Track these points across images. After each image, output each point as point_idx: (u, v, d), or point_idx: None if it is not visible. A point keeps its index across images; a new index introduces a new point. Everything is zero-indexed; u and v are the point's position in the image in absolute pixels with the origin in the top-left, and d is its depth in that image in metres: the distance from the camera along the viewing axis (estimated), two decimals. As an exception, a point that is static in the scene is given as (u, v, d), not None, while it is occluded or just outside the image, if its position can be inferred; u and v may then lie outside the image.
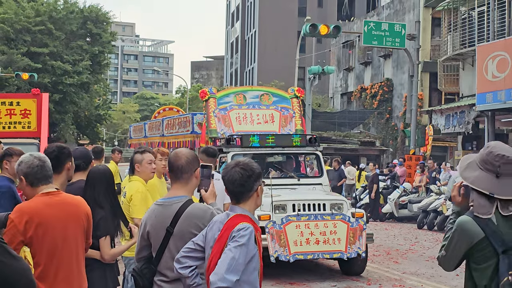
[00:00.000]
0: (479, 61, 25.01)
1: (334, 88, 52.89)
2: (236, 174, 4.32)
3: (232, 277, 3.99)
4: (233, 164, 4.38)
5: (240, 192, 4.35)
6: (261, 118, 14.60)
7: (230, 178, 4.33)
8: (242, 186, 4.33)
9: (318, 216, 11.98)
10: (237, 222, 4.22)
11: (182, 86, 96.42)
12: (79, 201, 5.01)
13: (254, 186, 4.37)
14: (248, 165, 4.37)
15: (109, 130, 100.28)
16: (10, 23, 48.19)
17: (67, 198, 4.92)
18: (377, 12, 45.46)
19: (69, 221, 4.81)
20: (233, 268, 4.01)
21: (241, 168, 4.34)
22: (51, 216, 4.72)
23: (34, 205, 4.75)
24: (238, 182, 4.32)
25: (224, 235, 4.20)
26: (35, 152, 5.00)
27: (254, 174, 4.36)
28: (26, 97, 18.58)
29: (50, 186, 4.86)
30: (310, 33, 26.98)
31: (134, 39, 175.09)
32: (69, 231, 4.80)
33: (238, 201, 4.38)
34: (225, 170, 4.39)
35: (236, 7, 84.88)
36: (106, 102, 67.41)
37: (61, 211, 4.79)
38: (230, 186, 4.35)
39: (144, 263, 4.86)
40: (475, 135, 30.08)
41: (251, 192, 4.36)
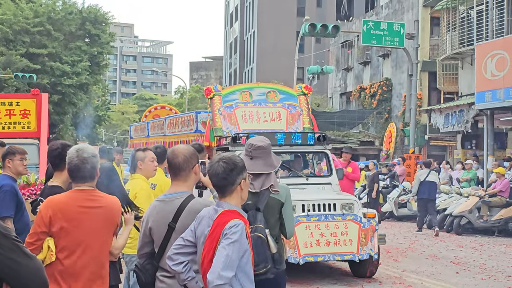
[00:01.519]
0: (478, 60, 25.03)
1: (333, 88, 52.90)
2: (219, 168, 4.40)
3: (228, 273, 4.05)
4: (217, 159, 4.46)
5: (223, 186, 4.41)
6: (268, 116, 14.09)
7: (213, 172, 4.42)
8: (224, 180, 4.40)
9: (328, 216, 11.59)
10: (228, 219, 4.26)
11: (181, 87, 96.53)
12: (113, 202, 5.00)
13: (237, 180, 4.42)
14: (230, 159, 4.43)
15: (108, 131, 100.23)
16: (8, 24, 48.13)
17: (100, 198, 4.94)
18: (376, 12, 45.48)
19: (100, 222, 4.84)
20: (228, 265, 4.07)
21: (224, 162, 4.40)
22: (79, 214, 4.79)
23: (64, 200, 4.87)
24: (221, 176, 4.39)
25: (216, 232, 4.24)
26: (84, 147, 5.03)
27: (237, 168, 4.42)
28: (25, 97, 18.53)
29: (83, 185, 4.93)
30: (309, 33, 27.02)
31: (133, 40, 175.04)
32: (98, 232, 4.84)
33: (223, 194, 4.44)
34: (210, 164, 4.48)
35: (235, 7, 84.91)
36: (105, 103, 67.42)
37: (92, 211, 4.83)
38: (214, 179, 4.43)
39: (147, 259, 4.89)
40: (474, 134, 30.11)
41: (234, 185, 4.42)
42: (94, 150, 4.98)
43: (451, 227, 20.63)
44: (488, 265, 14.64)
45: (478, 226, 20.24)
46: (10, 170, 7.62)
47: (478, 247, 17.57)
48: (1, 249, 3.24)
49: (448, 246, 17.65)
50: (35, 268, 3.44)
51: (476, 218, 20.33)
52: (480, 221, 20.26)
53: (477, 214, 20.44)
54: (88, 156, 4.89)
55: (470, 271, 13.82)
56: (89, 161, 4.89)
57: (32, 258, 3.43)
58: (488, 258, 15.63)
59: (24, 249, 3.38)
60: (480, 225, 20.23)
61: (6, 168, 7.65)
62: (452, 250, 16.85)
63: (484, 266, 14.42)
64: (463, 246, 17.75)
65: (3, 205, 7.21)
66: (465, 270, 13.94)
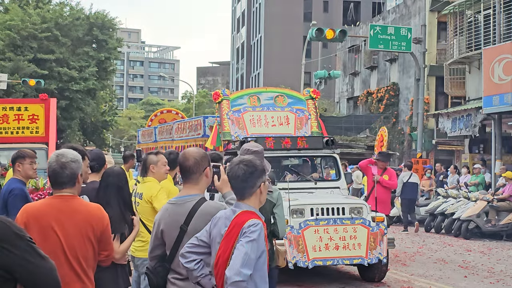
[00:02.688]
0: (485, 64, 25.02)
1: (340, 93, 52.87)
2: (239, 171, 4.39)
3: (247, 271, 4.06)
4: (237, 161, 4.46)
5: (243, 188, 4.41)
6: (276, 120, 14.08)
7: (233, 174, 4.42)
8: (244, 182, 4.40)
9: (337, 220, 11.53)
10: (246, 218, 4.28)
11: (188, 92, 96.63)
12: (91, 209, 4.79)
13: (257, 183, 4.42)
14: (251, 162, 4.43)
15: (115, 136, 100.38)
16: (16, 30, 48.37)
17: (78, 205, 4.75)
18: (383, 17, 45.47)
19: (77, 228, 4.66)
20: (247, 263, 4.08)
21: (244, 164, 4.40)
22: (55, 221, 4.63)
23: (38, 207, 4.75)
24: (241, 178, 4.39)
25: (233, 231, 4.25)
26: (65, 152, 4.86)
27: (257, 171, 4.42)
28: (34, 102, 18.63)
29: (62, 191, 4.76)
30: (316, 38, 27.02)
31: (140, 45, 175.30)
32: (75, 239, 4.65)
33: (242, 197, 4.43)
34: (229, 166, 4.47)
35: (242, 12, 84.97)
36: (112, 109, 67.53)
37: (69, 216, 4.66)
38: (233, 182, 4.44)
39: (158, 262, 4.90)
40: (482, 138, 30.06)
41: (253, 188, 4.41)
42: (76, 155, 4.80)
43: (459, 231, 20.59)
44: (497, 269, 14.62)
45: (486, 230, 20.20)
46: (20, 174, 7.65)
47: (486, 251, 17.54)
48: (16, 250, 3.28)
49: (456, 250, 17.62)
50: (49, 269, 3.48)
51: (484, 222, 20.29)
52: (488, 226, 20.22)
53: (485, 219, 20.41)
54: (67, 161, 4.72)
55: (479, 275, 13.80)
56: (68, 166, 4.72)
57: (45, 259, 3.46)
58: (497, 262, 15.60)
59: (38, 250, 3.42)
60: (488, 229, 20.19)
61: (16, 171, 7.68)
62: (460, 254, 16.82)
63: (492, 270, 14.39)
64: (471, 250, 17.72)
65: (13, 208, 7.22)
66: (473, 274, 13.91)
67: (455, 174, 25.97)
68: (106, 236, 4.81)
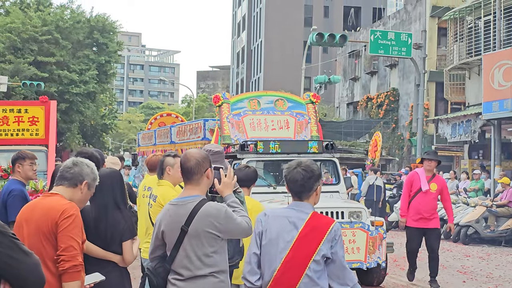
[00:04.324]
0: (485, 70, 25.06)
1: (340, 98, 52.94)
2: (298, 175, 4.62)
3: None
4: (295, 165, 4.68)
5: (301, 192, 4.65)
6: (276, 124, 14.05)
7: (291, 178, 4.66)
8: (302, 187, 4.64)
9: None
10: (324, 221, 4.64)
11: (188, 96, 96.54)
12: (52, 206, 4.65)
13: (314, 186, 4.67)
14: (309, 167, 4.66)
15: (115, 139, 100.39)
16: (17, 33, 48.35)
17: (47, 203, 4.70)
18: (383, 22, 45.56)
19: (33, 226, 4.66)
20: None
21: (302, 169, 4.64)
22: (27, 217, 4.72)
23: (26, 205, 4.89)
24: (300, 183, 4.63)
25: (315, 233, 4.54)
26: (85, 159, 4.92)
27: (315, 175, 4.66)
28: (34, 104, 18.56)
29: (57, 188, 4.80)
30: (317, 42, 27.06)
31: (140, 49, 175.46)
32: (31, 237, 4.63)
33: (300, 199, 4.67)
34: (287, 170, 4.69)
35: (242, 17, 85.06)
36: (112, 112, 67.53)
37: (34, 214, 4.69)
38: (292, 185, 4.67)
39: (159, 262, 4.90)
40: (482, 144, 30.09)
41: (310, 192, 4.67)
42: (93, 165, 4.90)
43: (458, 236, 20.59)
44: (495, 274, 14.62)
45: (485, 236, 20.20)
46: (20, 175, 7.67)
47: (485, 257, 17.54)
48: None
49: (455, 255, 17.62)
50: (33, 264, 3.50)
51: (483, 228, 20.30)
52: (487, 231, 20.23)
53: (484, 224, 20.41)
54: (82, 162, 4.83)
55: (477, 280, 13.81)
56: (80, 165, 4.80)
57: (29, 254, 3.49)
58: (495, 268, 15.60)
59: (21, 246, 3.44)
60: (487, 235, 20.19)
61: (16, 172, 7.69)
62: (459, 260, 16.83)
63: (491, 276, 14.40)
64: (470, 255, 17.72)
65: (12, 209, 7.24)
66: (472, 279, 13.92)
67: (454, 179, 25.98)
68: (60, 233, 4.57)
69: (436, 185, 12.20)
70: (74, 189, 4.77)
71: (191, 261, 4.74)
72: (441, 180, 12.48)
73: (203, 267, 4.73)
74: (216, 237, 4.76)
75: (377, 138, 29.50)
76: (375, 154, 30.31)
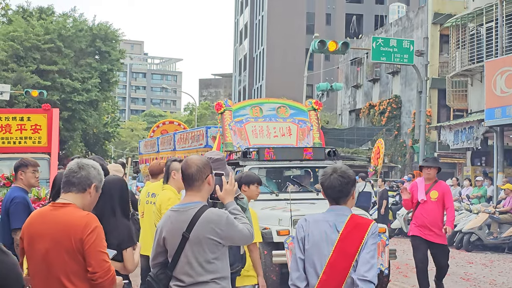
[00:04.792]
0: (488, 76, 25.04)
1: (343, 105, 52.95)
2: (336, 181, 4.76)
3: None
4: (330, 171, 4.80)
5: (339, 197, 4.80)
6: (278, 131, 14.11)
7: (329, 185, 4.80)
8: (341, 192, 4.78)
9: None
10: (363, 221, 4.76)
11: (190, 104, 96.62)
12: (71, 220, 4.45)
13: (351, 191, 4.82)
14: (345, 173, 4.79)
15: (117, 147, 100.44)
16: (19, 41, 48.43)
17: (63, 215, 4.48)
18: (385, 29, 45.58)
19: (51, 241, 4.43)
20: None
21: (339, 175, 4.77)
22: (40, 230, 4.48)
23: (34, 215, 4.66)
24: (338, 189, 4.77)
25: (356, 232, 4.66)
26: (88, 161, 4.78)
27: (351, 181, 4.80)
28: (36, 112, 18.58)
29: (67, 195, 4.61)
30: (319, 50, 27.04)
31: (143, 57, 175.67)
32: (51, 252, 4.43)
33: (338, 203, 4.84)
34: (324, 177, 4.82)
35: (244, 25, 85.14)
36: (114, 120, 67.58)
37: (49, 228, 4.46)
38: (329, 191, 4.82)
39: (160, 269, 4.90)
40: (484, 151, 30.06)
41: (348, 196, 4.82)
42: (98, 166, 4.75)
43: (461, 243, 20.56)
44: (498, 281, 14.59)
45: (488, 243, 20.17)
46: (22, 182, 7.66)
47: (488, 264, 17.51)
48: None
49: (458, 262, 17.58)
50: (11, 264, 3.54)
51: (486, 235, 20.27)
52: (490, 238, 20.19)
53: (487, 231, 20.38)
54: (87, 164, 4.66)
55: (480, 287, 13.79)
56: (86, 168, 4.64)
57: (7, 254, 3.52)
58: (498, 275, 15.57)
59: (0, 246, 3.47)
60: (490, 241, 20.16)
61: (18, 180, 7.69)
62: (462, 267, 16.80)
63: (494, 282, 14.37)
64: (473, 262, 17.69)
65: (15, 216, 7.25)
66: (475, 286, 13.90)
67: (457, 186, 25.96)
68: (88, 250, 4.40)
69: (436, 193, 11.24)
70: (83, 194, 4.61)
71: (193, 268, 4.74)
72: (443, 186, 11.45)
73: (205, 274, 4.73)
74: (218, 244, 4.76)
75: (380, 145, 29.53)
76: (377, 161, 30.32)
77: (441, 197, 11.22)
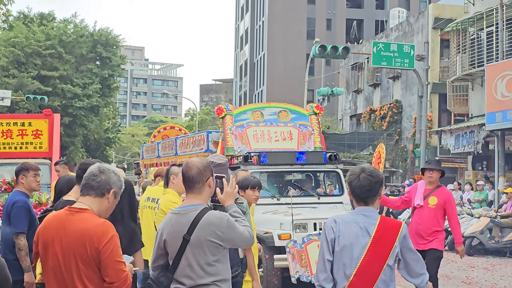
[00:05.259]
0: (488, 80, 25.06)
1: (343, 110, 52.95)
2: (365, 181, 4.76)
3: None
4: (358, 171, 4.80)
5: (367, 197, 4.79)
6: (279, 136, 14.10)
7: (358, 184, 4.78)
8: (370, 191, 4.78)
9: None
10: (393, 223, 4.82)
11: (191, 109, 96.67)
12: (87, 228, 4.36)
13: (379, 191, 4.82)
14: (374, 172, 4.82)
15: (118, 153, 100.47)
16: (20, 47, 48.51)
17: (79, 221, 4.38)
18: (386, 34, 45.58)
19: (67, 247, 4.36)
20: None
21: (368, 174, 4.78)
22: (55, 235, 4.39)
23: (49, 219, 4.55)
24: (367, 188, 4.77)
25: (388, 235, 4.71)
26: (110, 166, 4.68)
27: (380, 181, 4.82)
28: (37, 117, 18.69)
29: (84, 199, 4.51)
30: (320, 54, 27.08)
31: (144, 62, 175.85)
32: (67, 257, 4.35)
33: (366, 204, 4.83)
34: (352, 177, 4.82)
35: (245, 30, 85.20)
36: (115, 126, 67.64)
37: (65, 233, 4.38)
38: (358, 191, 4.80)
39: (161, 271, 4.89)
40: (485, 155, 30.05)
41: (376, 196, 4.82)
42: (120, 173, 4.67)
43: (462, 248, 20.50)
44: (500, 285, 14.57)
45: (489, 247, 20.14)
46: (24, 186, 7.65)
47: (490, 268, 17.48)
48: None
49: (459, 266, 17.56)
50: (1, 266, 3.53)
51: (487, 239, 20.24)
52: (491, 242, 20.17)
53: (488, 235, 20.36)
54: (109, 169, 4.57)
55: (482, 291, 13.78)
56: (107, 173, 4.54)
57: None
58: (500, 279, 15.55)
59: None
60: (492, 246, 20.13)
61: (19, 184, 7.68)
62: (464, 271, 16.78)
63: (496, 286, 14.36)
64: (475, 266, 17.67)
65: (16, 221, 7.24)
66: (477, 290, 13.89)
67: (458, 190, 25.95)
68: (106, 260, 4.33)
69: (436, 199, 10.12)
70: (101, 199, 4.50)
71: (193, 270, 4.73)
72: (444, 193, 10.30)
73: (206, 276, 4.73)
74: (218, 246, 4.76)
75: (381, 150, 29.48)
76: (378, 166, 30.25)
77: (441, 204, 10.08)
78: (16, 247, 7.14)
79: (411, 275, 4.89)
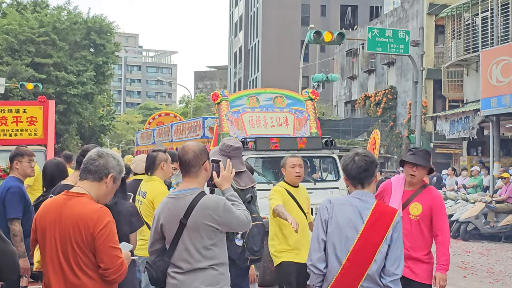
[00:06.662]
0: (483, 66, 25.03)
1: (338, 96, 52.95)
2: (361, 162, 4.78)
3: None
4: (352, 155, 4.84)
5: (364, 177, 4.79)
6: (275, 121, 14.03)
7: (355, 166, 4.79)
8: (366, 171, 4.78)
9: None
10: (388, 210, 4.81)
11: (185, 96, 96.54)
12: (83, 213, 4.32)
13: (375, 172, 4.84)
14: (368, 153, 4.91)
15: (112, 140, 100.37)
16: (14, 34, 48.32)
17: (75, 206, 4.35)
18: (380, 20, 45.54)
19: (63, 231, 4.33)
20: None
21: (362, 156, 4.82)
22: (53, 220, 4.36)
23: (47, 204, 4.52)
24: (364, 168, 4.77)
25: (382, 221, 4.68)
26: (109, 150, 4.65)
27: (375, 161, 4.86)
28: (32, 104, 18.61)
29: (82, 183, 4.50)
30: (314, 40, 26.99)
31: (138, 50, 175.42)
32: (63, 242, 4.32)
33: (362, 186, 4.83)
34: (347, 160, 4.86)
35: (239, 17, 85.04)
36: (109, 113, 67.53)
37: (61, 218, 4.34)
38: (355, 172, 4.80)
39: (158, 256, 4.87)
40: (480, 141, 30.06)
41: (372, 177, 4.83)
42: (119, 157, 4.64)
43: (457, 233, 20.56)
44: (496, 269, 14.61)
45: (484, 232, 20.19)
46: (18, 172, 7.62)
47: (485, 252, 17.53)
48: None
49: (455, 251, 17.58)
50: (11, 252, 3.53)
51: (482, 224, 20.28)
52: (486, 227, 20.21)
53: (483, 220, 20.40)
54: (107, 154, 4.55)
55: (478, 275, 13.80)
56: (105, 157, 4.51)
57: (7, 243, 3.51)
58: (496, 263, 15.59)
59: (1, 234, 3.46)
60: (487, 231, 20.17)
61: (13, 169, 7.66)
62: (459, 256, 16.81)
63: (491, 271, 14.39)
64: (470, 251, 17.71)
65: (11, 206, 7.21)
66: (472, 274, 13.91)
67: (453, 176, 25.97)
68: (100, 246, 4.30)
69: (420, 207, 6.57)
70: (99, 184, 4.47)
71: (190, 254, 4.72)
72: (432, 197, 6.67)
73: (203, 260, 4.71)
74: (215, 230, 4.73)
75: (376, 136, 29.48)
76: (373, 152, 30.30)
77: (428, 213, 6.59)
78: (11, 233, 7.11)
79: (383, 272, 4.68)
